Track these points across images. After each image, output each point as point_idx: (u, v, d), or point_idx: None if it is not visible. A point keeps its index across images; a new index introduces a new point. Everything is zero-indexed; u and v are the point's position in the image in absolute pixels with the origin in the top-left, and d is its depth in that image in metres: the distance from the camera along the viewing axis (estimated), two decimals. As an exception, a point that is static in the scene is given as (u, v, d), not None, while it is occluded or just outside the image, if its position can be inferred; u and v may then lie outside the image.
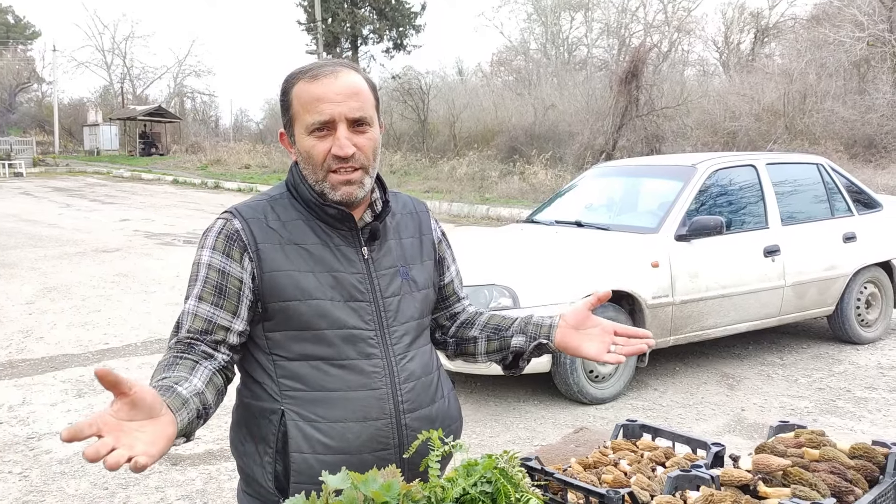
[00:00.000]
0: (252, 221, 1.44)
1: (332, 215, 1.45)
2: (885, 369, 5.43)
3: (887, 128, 16.53)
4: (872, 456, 1.39)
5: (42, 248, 11.61)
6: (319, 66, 1.44)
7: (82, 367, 5.75)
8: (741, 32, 30.65)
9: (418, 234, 1.60)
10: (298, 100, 1.42)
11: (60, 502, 3.58)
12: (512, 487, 1.16)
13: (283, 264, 1.42)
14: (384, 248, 1.51)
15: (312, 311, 1.41)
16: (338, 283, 1.43)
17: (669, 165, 6.14)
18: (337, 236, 1.47)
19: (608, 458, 1.49)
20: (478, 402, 4.95)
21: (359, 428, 1.41)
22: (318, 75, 1.41)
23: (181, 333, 1.40)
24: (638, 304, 4.96)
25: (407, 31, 34.80)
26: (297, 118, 1.43)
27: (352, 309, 1.44)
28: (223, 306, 1.41)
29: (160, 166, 30.88)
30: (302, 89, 1.42)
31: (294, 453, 1.40)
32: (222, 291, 1.41)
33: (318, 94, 1.40)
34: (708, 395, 4.99)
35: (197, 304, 1.41)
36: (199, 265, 1.44)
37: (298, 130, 1.44)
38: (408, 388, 1.46)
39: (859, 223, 6.09)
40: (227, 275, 1.42)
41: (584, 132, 19.81)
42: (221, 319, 1.41)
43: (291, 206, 1.48)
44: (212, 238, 1.45)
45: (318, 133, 1.41)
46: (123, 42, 50.62)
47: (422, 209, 1.66)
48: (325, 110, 1.39)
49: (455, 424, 1.59)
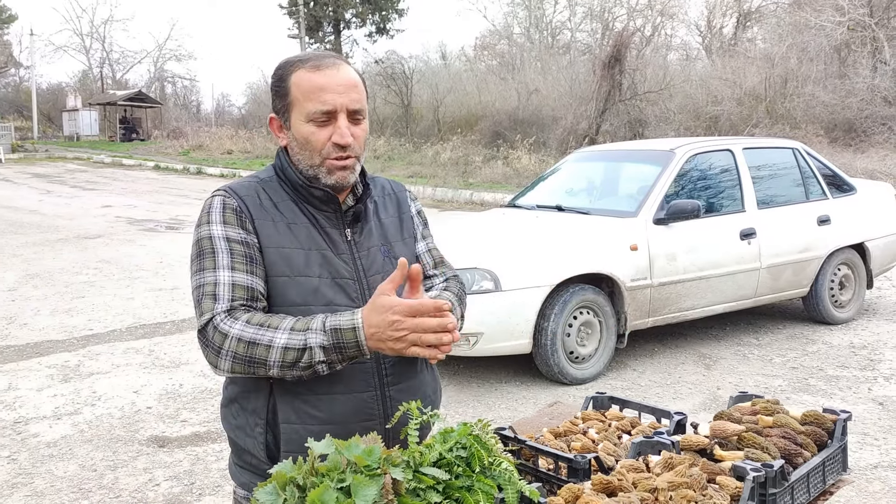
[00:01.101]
0: (247, 199, 1.51)
1: (318, 197, 1.52)
2: (857, 348, 5.58)
3: (867, 112, 16.72)
4: (822, 422, 1.49)
5: (23, 235, 11.55)
6: (320, 56, 1.50)
7: (67, 352, 5.78)
8: (724, 17, 30.78)
9: (397, 214, 1.68)
10: (299, 88, 1.48)
11: (49, 484, 3.64)
12: (485, 452, 1.25)
13: (277, 241, 1.48)
14: (365, 229, 1.59)
15: (301, 288, 1.48)
16: (326, 262, 1.51)
17: (648, 150, 6.24)
18: (322, 218, 1.54)
19: (578, 427, 1.58)
20: (460, 383, 5.05)
21: (345, 399, 1.48)
22: (321, 66, 1.48)
23: (226, 304, 1.40)
24: (617, 286, 5.07)
25: (390, 15, 34.65)
26: (297, 105, 1.48)
27: (339, 286, 1.51)
28: (257, 274, 1.45)
29: (141, 152, 30.62)
30: (303, 78, 1.47)
31: (283, 424, 1.47)
32: (253, 260, 1.45)
33: (322, 83, 1.46)
34: (685, 375, 5.12)
35: (232, 274, 1.43)
36: (214, 238, 1.46)
37: (296, 117, 1.49)
38: (391, 361, 1.54)
39: (833, 206, 6.22)
40: (250, 244, 1.46)
41: (568, 117, 19.89)
42: (259, 286, 1.45)
43: (280, 189, 1.55)
44: (217, 213, 1.49)
45: (319, 121, 1.47)
46: (102, 26, 50.08)
47: (399, 189, 1.74)
48: (328, 100, 1.46)
49: (436, 397, 1.67)
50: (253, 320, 1.38)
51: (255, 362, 1.36)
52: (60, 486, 3.61)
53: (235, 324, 1.38)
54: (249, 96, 41.21)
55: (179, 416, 4.54)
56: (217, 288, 1.42)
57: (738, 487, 1.29)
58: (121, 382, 5.12)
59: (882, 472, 3.62)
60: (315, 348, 1.33)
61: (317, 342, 1.33)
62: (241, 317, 1.39)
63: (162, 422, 4.44)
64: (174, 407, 4.68)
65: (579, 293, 4.93)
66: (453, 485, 1.20)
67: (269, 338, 1.35)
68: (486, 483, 1.22)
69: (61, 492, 3.56)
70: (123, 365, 5.49)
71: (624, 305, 5.09)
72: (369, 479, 1.11)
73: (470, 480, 1.21)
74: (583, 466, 1.35)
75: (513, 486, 1.25)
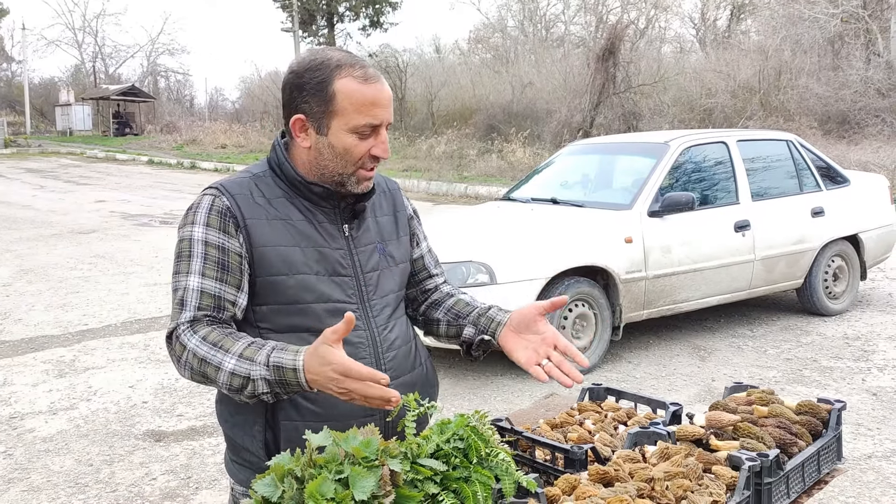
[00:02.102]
0: (239, 197, 1.49)
1: (317, 193, 1.51)
2: (851, 339, 5.61)
3: (860, 104, 16.77)
4: (817, 412, 1.50)
5: (17, 230, 11.50)
6: (364, 66, 1.47)
7: (62, 347, 5.77)
8: (718, 9, 30.79)
9: (392, 212, 1.68)
10: (349, 98, 1.44)
11: (46, 479, 3.64)
12: (482, 443, 1.25)
13: (270, 239, 1.47)
14: (363, 226, 1.59)
15: (298, 285, 1.47)
16: (322, 258, 1.50)
17: (642, 143, 6.24)
18: (320, 213, 1.53)
19: (574, 418, 1.58)
20: (456, 376, 5.06)
21: None
22: (369, 78, 1.45)
23: (191, 313, 1.42)
24: (612, 278, 5.08)
25: (383, 9, 34.54)
26: (342, 114, 1.45)
27: (335, 283, 1.50)
28: (228, 282, 1.45)
29: (135, 146, 30.50)
30: (353, 88, 1.44)
31: (284, 421, 1.46)
32: (226, 267, 1.45)
33: (374, 98, 1.45)
34: (680, 367, 5.14)
35: (201, 280, 1.43)
36: (194, 241, 1.46)
37: (339, 125, 1.46)
38: (390, 356, 1.54)
39: (827, 198, 6.24)
40: (228, 250, 1.45)
41: (562, 110, 19.87)
42: (228, 294, 1.45)
43: (275, 184, 1.53)
44: (202, 214, 1.47)
45: (364, 133, 1.46)
46: (94, 20, 49.92)
47: (394, 187, 1.74)
48: (378, 115, 1.45)
49: (433, 390, 1.68)
50: (209, 338, 1.38)
51: (207, 379, 1.38)
52: (57, 481, 3.61)
53: (193, 338, 1.38)
54: (243, 90, 41.10)
55: (175, 410, 4.54)
56: (186, 294, 1.43)
57: (733, 477, 1.30)
58: (116, 377, 5.12)
59: (876, 461, 3.64)
60: (258, 381, 1.32)
61: (259, 375, 1.32)
62: (200, 330, 1.39)
63: (158, 416, 4.44)
64: (170, 401, 4.68)
65: (574, 286, 4.94)
66: (451, 476, 1.21)
67: (218, 360, 1.35)
68: (484, 474, 1.22)
69: (58, 487, 3.56)
70: (119, 360, 5.49)
71: (619, 298, 5.11)
72: (367, 471, 1.11)
73: (467, 471, 1.22)
74: (579, 457, 1.36)
75: (510, 476, 1.26)
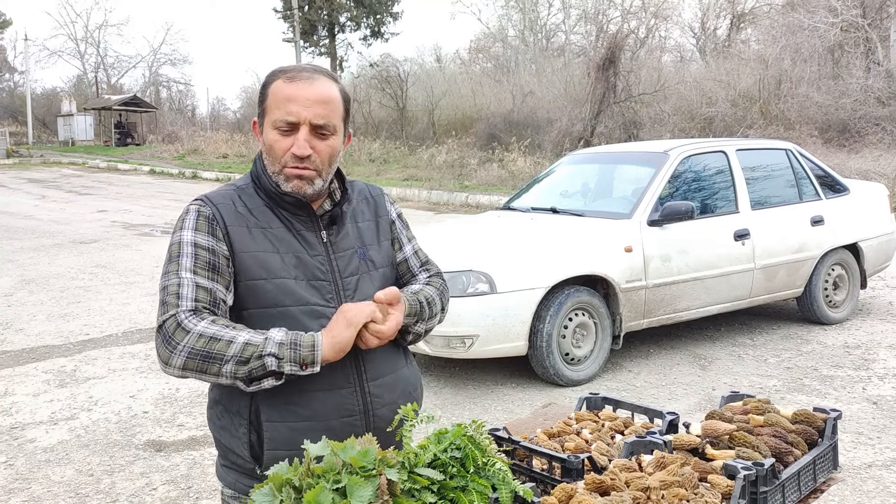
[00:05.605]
0: (221, 207, 1.57)
1: (290, 202, 1.59)
2: (851, 348, 5.61)
3: (860, 112, 16.79)
4: (813, 421, 1.51)
5: (18, 240, 11.53)
6: (300, 69, 1.57)
7: (63, 357, 5.78)
8: (717, 18, 30.92)
9: (374, 218, 1.73)
10: (273, 96, 1.56)
11: (46, 489, 3.64)
12: (479, 453, 1.26)
13: (250, 246, 1.54)
14: (342, 232, 1.65)
15: (277, 289, 1.53)
16: (301, 263, 1.56)
17: (642, 152, 6.26)
18: (297, 222, 1.60)
19: (572, 427, 1.59)
20: (456, 385, 5.06)
21: (325, 397, 1.53)
22: (295, 78, 1.54)
23: (191, 304, 1.46)
24: (612, 288, 5.09)
25: (384, 19, 34.63)
26: (269, 112, 1.56)
27: (314, 287, 1.56)
28: (218, 281, 1.51)
29: (136, 156, 30.59)
30: (278, 87, 1.55)
31: (266, 423, 1.52)
32: (215, 268, 1.51)
33: (291, 95, 1.53)
34: (680, 376, 5.14)
35: (194, 276, 1.49)
36: (183, 244, 1.53)
37: (267, 123, 1.57)
38: (369, 357, 1.58)
39: (827, 207, 6.25)
40: (216, 252, 1.52)
41: (563, 119, 19.92)
42: (219, 292, 1.51)
43: (256, 195, 1.61)
44: (191, 220, 1.55)
45: (283, 130, 1.54)
46: (97, 30, 50.16)
47: (377, 193, 1.79)
48: (292, 111, 1.53)
49: (416, 391, 1.71)
50: (218, 321, 1.45)
51: (210, 358, 1.41)
52: (57, 492, 3.61)
53: (200, 321, 1.44)
54: (244, 100, 41.24)
55: (176, 420, 4.54)
56: (181, 288, 1.48)
57: (729, 486, 1.30)
58: (117, 387, 5.12)
59: (876, 471, 3.64)
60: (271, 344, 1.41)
61: (277, 340, 1.42)
62: (206, 317, 1.45)
63: (159, 426, 4.45)
64: (171, 411, 4.68)
65: (574, 295, 4.95)
66: (448, 485, 1.22)
67: (232, 335, 1.42)
68: (481, 483, 1.23)
69: (58, 497, 3.56)
70: (120, 370, 5.49)
71: (619, 307, 5.11)
72: (365, 480, 1.12)
73: (464, 481, 1.23)
74: (576, 466, 1.37)
75: (507, 485, 1.27)
